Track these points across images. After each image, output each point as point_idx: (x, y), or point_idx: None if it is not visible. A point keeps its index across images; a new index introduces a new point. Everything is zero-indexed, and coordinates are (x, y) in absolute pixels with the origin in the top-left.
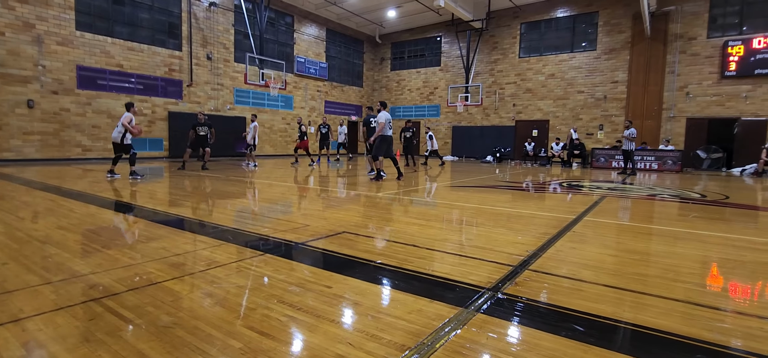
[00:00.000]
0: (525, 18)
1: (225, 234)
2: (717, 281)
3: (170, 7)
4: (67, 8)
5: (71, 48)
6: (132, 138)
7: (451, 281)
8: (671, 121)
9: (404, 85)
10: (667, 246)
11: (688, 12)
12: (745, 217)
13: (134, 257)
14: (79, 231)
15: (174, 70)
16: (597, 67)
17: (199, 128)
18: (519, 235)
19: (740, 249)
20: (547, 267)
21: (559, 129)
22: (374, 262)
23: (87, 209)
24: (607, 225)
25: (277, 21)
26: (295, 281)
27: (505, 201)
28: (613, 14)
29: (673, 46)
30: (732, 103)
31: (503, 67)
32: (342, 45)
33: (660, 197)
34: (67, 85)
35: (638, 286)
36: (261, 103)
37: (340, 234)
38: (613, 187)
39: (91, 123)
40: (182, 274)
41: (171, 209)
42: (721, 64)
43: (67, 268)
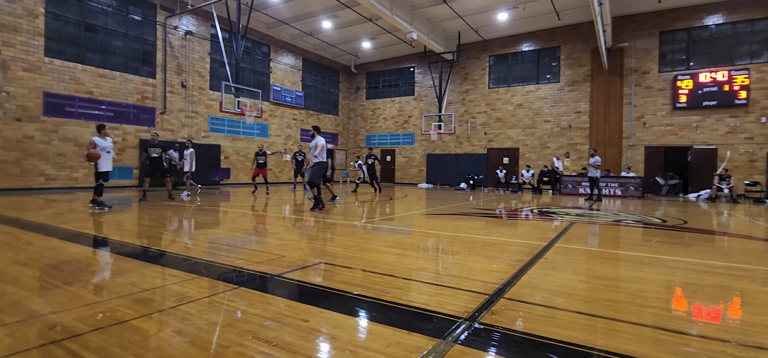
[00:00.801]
0: (493, 51)
1: (197, 267)
2: (681, 305)
3: (145, 36)
4: (36, 34)
5: (39, 74)
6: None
7: (429, 311)
8: (631, 149)
9: (379, 113)
10: (634, 271)
11: (641, 48)
12: (703, 241)
13: (99, 294)
14: (39, 266)
15: (147, 97)
16: (561, 98)
17: (152, 150)
18: (494, 262)
19: (700, 273)
20: (521, 295)
21: (528, 157)
22: (351, 293)
23: (48, 242)
24: (577, 251)
25: (253, 50)
26: (271, 315)
27: (479, 228)
28: (573, 49)
29: (629, 79)
30: (684, 132)
31: (474, 97)
32: (318, 74)
33: (625, 222)
34: (33, 112)
35: (609, 312)
36: (236, 131)
37: (317, 265)
38: (581, 213)
39: (56, 151)
40: (151, 311)
41: (139, 240)
42: (673, 97)
43: (24, 307)
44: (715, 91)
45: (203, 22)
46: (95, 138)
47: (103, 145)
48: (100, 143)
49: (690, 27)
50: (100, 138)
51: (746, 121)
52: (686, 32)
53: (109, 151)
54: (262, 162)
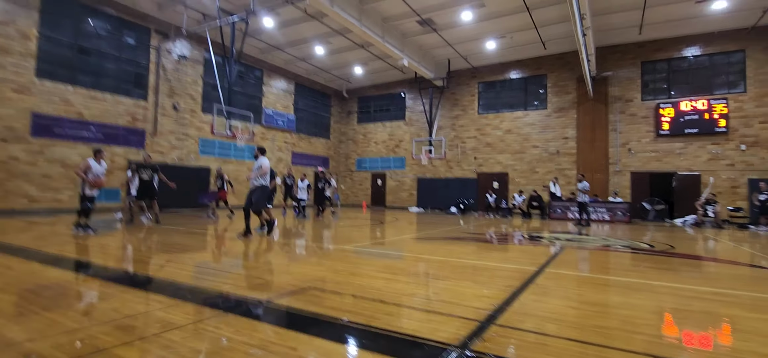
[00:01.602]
0: (482, 78)
1: (182, 292)
2: (672, 332)
3: (138, 58)
4: (28, 56)
5: (28, 95)
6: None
7: (419, 338)
8: (618, 174)
9: (370, 137)
10: (624, 297)
11: (624, 77)
12: (690, 266)
13: (79, 320)
14: (16, 291)
15: (137, 119)
16: (549, 124)
17: (142, 171)
18: (484, 288)
19: (688, 299)
20: (512, 321)
21: (517, 181)
22: (341, 320)
23: (28, 265)
24: (568, 277)
25: (246, 74)
26: (258, 343)
27: (470, 253)
28: (560, 77)
29: (614, 107)
30: (668, 158)
31: (464, 123)
32: (310, 98)
33: (614, 247)
34: (19, 133)
35: (600, 339)
36: (227, 154)
37: (306, 290)
38: (570, 238)
39: (41, 172)
40: (133, 338)
41: (123, 264)
42: (656, 124)
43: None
44: (696, 119)
45: (197, 46)
46: (90, 161)
47: (97, 170)
48: (95, 167)
49: (670, 58)
50: (95, 162)
51: (727, 148)
52: (667, 63)
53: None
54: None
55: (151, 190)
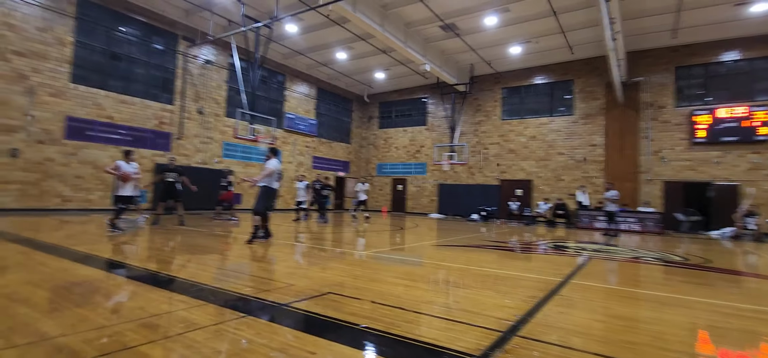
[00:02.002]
0: (506, 83)
1: (204, 293)
2: (707, 350)
3: (166, 64)
4: (64, 62)
5: (63, 99)
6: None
7: (439, 347)
8: (649, 184)
9: (391, 142)
10: (654, 312)
11: (656, 83)
12: (729, 282)
13: (108, 317)
14: (50, 288)
15: (164, 123)
16: (575, 131)
17: (167, 174)
18: (506, 298)
19: (727, 316)
20: (536, 333)
21: (542, 189)
22: (359, 326)
23: (60, 263)
24: (594, 289)
25: (269, 79)
26: (278, 346)
27: (491, 261)
28: (587, 82)
29: (645, 113)
30: (704, 168)
31: (487, 129)
32: (331, 103)
33: (644, 259)
34: (55, 136)
35: (628, 355)
36: (249, 158)
37: (326, 295)
38: (598, 248)
39: (74, 173)
40: (158, 337)
41: (149, 265)
42: (690, 132)
43: (35, 329)
44: (734, 127)
45: (222, 52)
46: (119, 162)
47: (127, 169)
48: (124, 167)
49: (706, 62)
50: (124, 162)
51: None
52: (703, 68)
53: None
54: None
55: (174, 192)
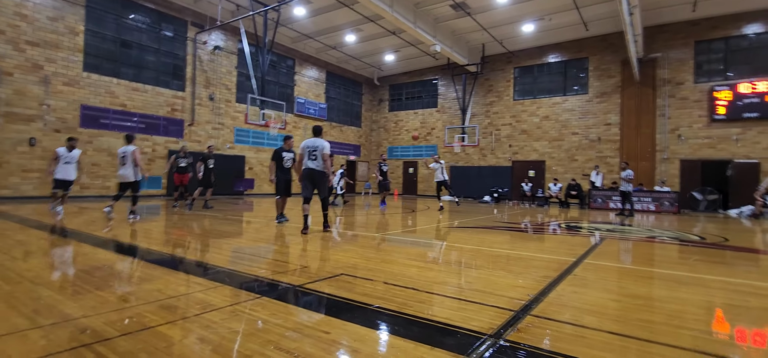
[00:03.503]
0: (518, 63)
1: (220, 275)
2: (724, 329)
3: (176, 51)
4: (76, 51)
5: (77, 88)
6: None
7: (452, 326)
8: (665, 162)
9: (402, 125)
10: (671, 291)
11: (674, 58)
12: (747, 260)
13: (127, 299)
14: (72, 271)
15: (176, 110)
16: (590, 110)
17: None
18: (519, 278)
19: (744, 294)
20: (549, 312)
21: (555, 170)
22: (373, 306)
23: (81, 248)
24: (609, 268)
25: (278, 64)
26: (292, 326)
27: (504, 242)
28: (602, 60)
29: (662, 91)
30: (723, 145)
31: (498, 109)
32: (341, 87)
33: (659, 239)
34: (70, 124)
35: (643, 333)
36: (260, 143)
37: (339, 276)
38: (612, 228)
39: (90, 161)
40: (176, 317)
41: (166, 248)
42: (710, 108)
43: (58, 311)
44: (756, 102)
45: (231, 37)
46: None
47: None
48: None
49: (727, 36)
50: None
51: None
52: (723, 42)
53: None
54: (183, 166)
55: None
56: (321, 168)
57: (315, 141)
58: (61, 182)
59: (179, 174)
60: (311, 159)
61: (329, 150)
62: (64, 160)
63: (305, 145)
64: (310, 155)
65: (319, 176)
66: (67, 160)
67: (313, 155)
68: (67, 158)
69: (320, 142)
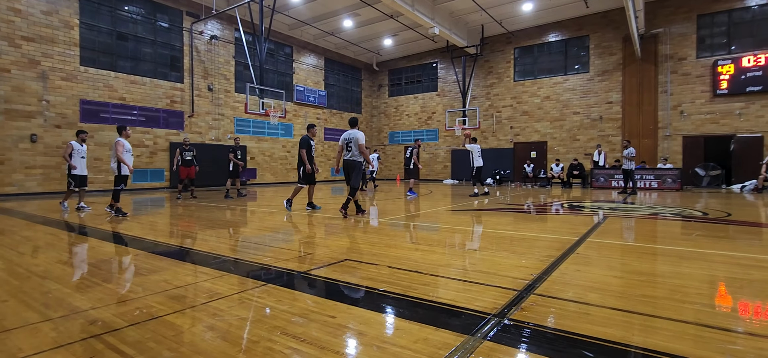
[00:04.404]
0: (518, 43)
1: (226, 264)
2: (726, 302)
3: (172, 42)
4: (72, 45)
5: (75, 83)
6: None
7: (456, 307)
8: (668, 139)
9: (402, 110)
10: (673, 266)
11: (677, 33)
12: (749, 234)
13: (135, 291)
14: (79, 265)
15: (176, 101)
16: (591, 89)
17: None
18: (522, 258)
19: (747, 268)
20: (552, 291)
21: (556, 150)
22: (378, 290)
23: (87, 241)
24: (611, 246)
25: (276, 52)
26: (298, 312)
27: (507, 224)
28: (603, 37)
29: (664, 67)
30: (726, 120)
31: (499, 91)
32: (340, 73)
33: (662, 215)
34: (71, 119)
35: (646, 308)
36: (261, 132)
37: (343, 262)
38: (614, 207)
39: (93, 156)
40: (183, 307)
41: (172, 240)
42: (713, 83)
43: (67, 303)
44: (759, 75)
45: (227, 26)
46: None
47: (128, 147)
48: (126, 145)
49: (731, 9)
50: (124, 140)
51: None
52: (727, 14)
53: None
54: (188, 159)
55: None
56: (353, 158)
57: (350, 133)
58: (82, 177)
59: (185, 167)
60: (347, 150)
61: (363, 139)
62: (79, 154)
63: (343, 137)
64: (346, 147)
65: (351, 166)
66: (81, 155)
67: (349, 147)
68: (81, 152)
69: (355, 134)
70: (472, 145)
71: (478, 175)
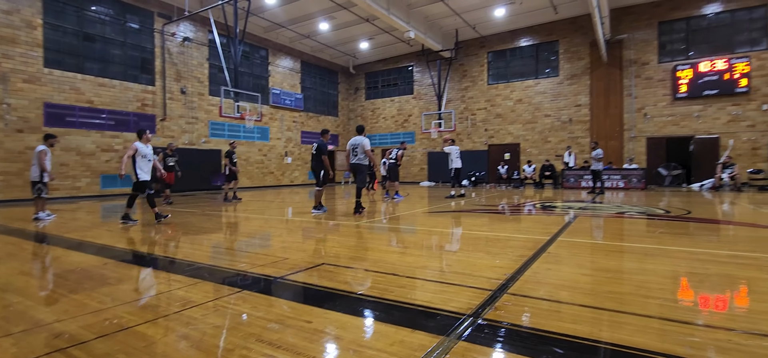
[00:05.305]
0: (491, 47)
1: (201, 271)
2: (687, 295)
3: (143, 43)
4: (35, 46)
5: (39, 85)
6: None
7: (432, 308)
8: (633, 141)
9: (379, 113)
10: (638, 263)
11: (639, 39)
12: (707, 231)
13: (104, 301)
14: (43, 276)
15: (147, 105)
16: (561, 92)
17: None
18: (497, 258)
19: (705, 262)
20: (525, 290)
21: (529, 151)
22: (355, 293)
23: (53, 251)
24: (581, 244)
25: (251, 54)
26: (274, 318)
27: (482, 225)
28: (572, 42)
29: (629, 71)
30: (686, 122)
31: (473, 94)
32: (317, 76)
33: (628, 214)
34: (34, 123)
35: (613, 304)
36: (237, 136)
37: (320, 266)
38: (584, 206)
39: (58, 161)
40: (156, 316)
41: (143, 247)
42: (673, 87)
43: (30, 317)
44: (715, 80)
45: (201, 28)
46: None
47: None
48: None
49: (688, 16)
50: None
51: (748, 109)
52: (685, 22)
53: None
54: (170, 165)
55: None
56: (359, 161)
57: (356, 139)
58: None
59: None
60: (354, 155)
61: (369, 145)
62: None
63: (349, 143)
64: (353, 152)
65: (357, 169)
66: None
67: (355, 152)
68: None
69: (360, 140)
70: (450, 148)
71: (456, 176)
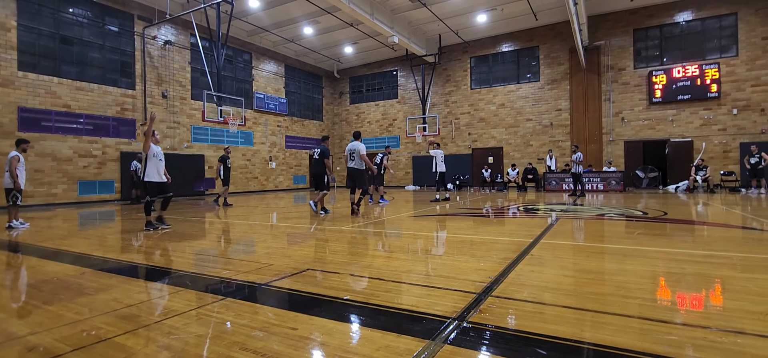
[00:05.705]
0: (474, 52)
1: (183, 279)
2: (665, 295)
3: (123, 47)
4: (9, 48)
5: (12, 89)
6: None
7: (418, 312)
8: (611, 144)
9: (364, 117)
10: (618, 264)
11: (616, 45)
12: (683, 231)
13: (81, 312)
14: (17, 287)
15: (127, 109)
16: (542, 97)
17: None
18: (481, 261)
19: (681, 262)
20: (509, 292)
21: (512, 155)
22: (340, 298)
23: (27, 261)
24: (563, 246)
25: (234, 58)
26: (259, 325)
27: (466, 228)
28: (552, 48)
29: (607, 76)
30: (661, 126)
31: (457, 98)
32: (301, 80)
33: (608, 216)
34: (7, 128)
35: (595, 305)
36: (220, 140)
37: (305, 272)
38: (565, 209)
39: (33, 167)
40: (136, 327)
41: (123, 255)
42: (649, 92)
43: (1, 330)
44: (688, 85)
45: (182, 31)
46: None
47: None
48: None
49: (662, 24)
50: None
51: (719, 113)
52: (659, 29)
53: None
54: None
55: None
56: (357, 166)
57: (352, 144)
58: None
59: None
60: (351, 160)
61: (364, 150)
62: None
63: (347, 148)
64: (350, 157)
65: (356, 173)
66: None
67: (352, 156)
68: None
69: (356, 145)
70: (435, 151)
71: (441, 179)
